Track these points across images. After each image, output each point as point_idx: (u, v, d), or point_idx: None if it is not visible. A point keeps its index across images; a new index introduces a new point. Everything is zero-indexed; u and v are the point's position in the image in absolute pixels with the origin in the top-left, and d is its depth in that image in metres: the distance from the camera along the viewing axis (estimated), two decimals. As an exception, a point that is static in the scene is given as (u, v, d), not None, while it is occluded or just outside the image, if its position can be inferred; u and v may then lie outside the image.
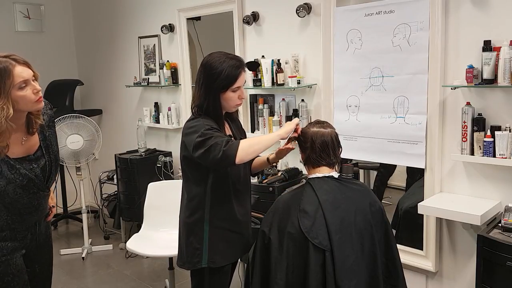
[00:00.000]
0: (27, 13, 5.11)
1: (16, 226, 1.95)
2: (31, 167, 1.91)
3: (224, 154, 1.80)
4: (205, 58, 1.97)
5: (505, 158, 2.30)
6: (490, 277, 2.15)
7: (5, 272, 1.93)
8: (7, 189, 1.86)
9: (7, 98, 1.69)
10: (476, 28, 2.40)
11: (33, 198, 1.95)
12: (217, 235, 2.04)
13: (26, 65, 1.78)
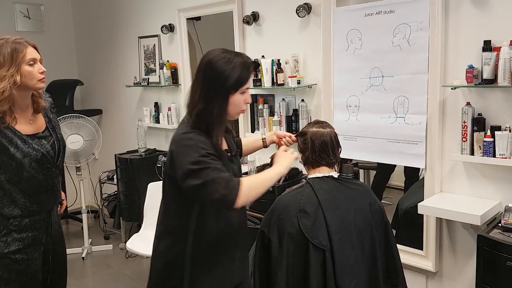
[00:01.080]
0: (27, 13, 5.11)
1: (34, 209, 2.06)
2: (41, 143, 2.07)
3: (222, 198, 1.53)
4: (207, 56, 1.68)
5: (505, 158, 2.30)
6: (490, 277, 2.15)
7: (25, 272, 2.06)
8: (24, 162, 1.99)
9: (17, 70, 1.94)
10: (476, 28, 2.40)
11: (48, 175, 2.08)
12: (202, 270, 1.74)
13: (36, 49, 2.04)
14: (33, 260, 2.08)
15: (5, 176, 1.99)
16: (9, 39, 1.96)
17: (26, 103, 2.04)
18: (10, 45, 1.94)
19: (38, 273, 2.11)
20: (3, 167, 1.98)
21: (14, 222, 2.03)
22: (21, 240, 2.04)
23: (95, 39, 5.22)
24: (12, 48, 1.94)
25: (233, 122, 4.29)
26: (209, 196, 1.54)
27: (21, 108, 2.03)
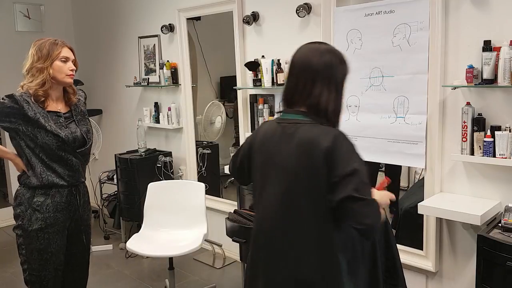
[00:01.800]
0: (27, 13, 5.11)
1: (51, 180, 2.22)
2: (59, 121, 2.26)
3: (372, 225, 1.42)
4: (326, 47, 1.58)
5: (505, 158, 2.30)
6: (490, 277, 2.15)
7: (45, 250, 2.23)
8: (40, 130, 2.19)
9: (50, 64, 2.26)
10: (476, 28, 2.40)
11: (61, 149, 2.23)
12: None
13: (72, 51, 2.40)
14: (54, 240, 2.25)
15: (24, 142, 2.21)
16: (50, 40, 2.38)
17: (57, 94, 2.31)
18: (48, 44, 2.33)
19: (59, 253, 2.28)
20: (22, 134, 2.20)
21: (37, 202, 2.22)
22: (44, 220, 2.22)
23: (95, 39, 5.22)
24: (50, 46, 2.32)
25: (233, 122, 4.30)
26: (363, 217, 1.40)
27: (52, 98, 2.29)
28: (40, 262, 2.23)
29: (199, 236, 3.12)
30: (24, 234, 2.23)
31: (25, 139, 2.20)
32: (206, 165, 4.27)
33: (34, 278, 2.25)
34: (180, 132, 4.31)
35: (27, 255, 2.24)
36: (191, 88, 4.17)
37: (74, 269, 2.41)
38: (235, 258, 3.82)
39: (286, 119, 1.60)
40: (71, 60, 2.34)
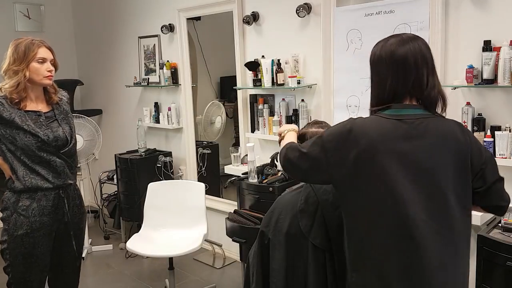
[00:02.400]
0: (27, 13, 5.11)
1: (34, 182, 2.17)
2: (39, 121, 2.21)
3: None
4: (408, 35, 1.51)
5: (505, 158, 2.30)
6: (490, 277, 2.15)
7: (31, 253, 2.19)
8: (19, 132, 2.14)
9: (26, 65, 2.18)
10: (476, 28, 2.40)
11: (42, 150, 2.18)
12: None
13: (50, 50, 2.33)
14: (39, 244, 2.20)
15: (5, 146, 2.17)
16: (27, 40, 2.27)
17: (36, 94, 2.27)
18: (25, 45, 2.24)
19: (45, 256, 2.24)
20: (2, 138, 2.16)
21: (22, 207, 2.18)
22: (29, 225, 2.18)
23: (95, 39, 5.22)
24: (26, 47, 2.23)
25: (233, 122, 4.30)
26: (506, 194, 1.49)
27: (31, 98, 2.24)
28: (25, 265, 2.19)
29: (199, 236, 3.12)
30: (9, 239, 2.18)
31: (5, 142, 2.16)
32: (206, 165, 4.27)
33: (18, 281, 2.21)
34: (180, 132, 4.31)
35: (11, 259, 2.19)
36: (191, 88, 4.17)
37: (64, 271, 2.37)
38: (235, 258, 3.82)
39: (405, 115, 1.43)
40: (49, 60, 2.28)
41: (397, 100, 1.45)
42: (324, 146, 1.46)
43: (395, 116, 1.43)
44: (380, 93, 1.47)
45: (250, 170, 3.00)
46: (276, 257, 1.83)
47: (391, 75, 1.44)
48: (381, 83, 1.46)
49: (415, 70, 1.43)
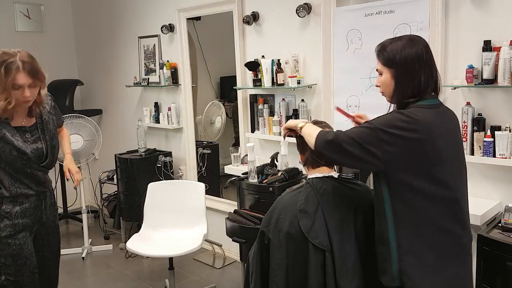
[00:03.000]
0: (27, 13, 5.11)
1: (20, 191, 2.23)
2: (25, 137, 2.23)
3: None
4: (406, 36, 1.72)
5: (505, 158, 2.30)
6: (490, 277, 2.15)
7: (19, 255, 2.24)
8: (5, 148, 2.16)
9: (8, 92, 2.09)
10: (476, 28, 2.40)
11: (27, 166, 2.23)
12: None
13: (29, 74, 2.12)
14: (25, 245, 2.27)
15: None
16: (8, 59, 2.07)
17: (21, 109, 2.23)
18: (4, 67, 2.06)
19: (32, 257, 2.30)
20: None
21: (6, 209, 2.23)
22: (13, 227, 2.23)
23: (95, 39, 5.22)
24: (5, 70, 2.06)
25: (233, 122, 4.29)
26: None
27: (16, 112, 2.21)
28: (16, 267, 2.24)
29: (199, 236, 3.12)
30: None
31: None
32: (206, 165, 4.27)
33: (11, 283, 2.25)
34: (180, 132, 4.31)
35: (1, 261, 2.24)
36: (191, 88, 4.17)
37: (46, 270, 2.46)
38: (235, 258, 3.82)
39: (435, 104, 1.71)
40: (27, 85, 2.12)
41: (425, 92, 1.68)
42: (380, 137, 1.60)
43: (432, 106, 1.68)
44: (415, 87, 1.67)
45: (250, 170, 3.00)
46: (276, 257, 1.84)
47: (423, 72, 1.66)
48: (415, 79, 1.66)
49: (434, 67, 1.71)
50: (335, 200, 1.84)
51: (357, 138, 1.62)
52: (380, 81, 1.75)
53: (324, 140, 1.69)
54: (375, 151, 1.59)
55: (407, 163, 1.60)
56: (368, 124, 1.66)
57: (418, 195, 1.61)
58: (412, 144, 1.58)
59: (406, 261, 1.63)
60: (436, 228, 1.63)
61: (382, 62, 1.72)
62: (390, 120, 1.63)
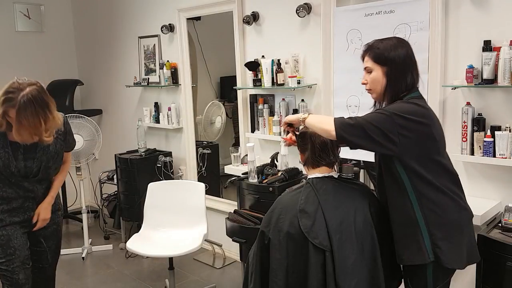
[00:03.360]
0: (27, 13, 5.11)
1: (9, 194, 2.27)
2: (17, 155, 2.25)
3: None
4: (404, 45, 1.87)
5: (505, 158, 2.30)
6: (490, 277, 2.15)
7: (8, 245, 2.27)
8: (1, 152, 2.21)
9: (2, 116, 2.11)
10: (476, 28, 2.40)
11: (10, 177, 2.25)
12: None
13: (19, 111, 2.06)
14: (14, 236, 2.30)
15: None
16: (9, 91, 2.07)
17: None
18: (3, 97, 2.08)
19: (23, 249, 2.32)
20: None
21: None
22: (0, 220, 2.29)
23: (95, 39, 5.22)
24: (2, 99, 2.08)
25: (233, 122, 4.29)
26: None
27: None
28: (6, 257, 2.27)
29: (199, 236, 3.12)
30: None
31: None
32: (206, 165, 4.27)
33: (3, 272, 2.29)
34: (180, 132, 4.31)
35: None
36: (191, 88, 4.17)
37: (43, 266, 2.49)
38: (235, 258, 3.82)
39: (421, 95, 1.85)
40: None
41: (414, 87, 1.82)
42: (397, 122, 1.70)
43: (421, 96, 1.83)
44: (408, 83, 1.80)
45: (250, 170, 3.00)
46: (276, 257, 1.84)
47: (413, 70, 1.82)
48: (407, 75, 1.80)
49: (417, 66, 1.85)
50: (335, 200, 1.84)
51: (376, 123, 1.71)
52: (370, 78, 1.84)
53: (346, 125, 1.74)
54: (392, 136, 1.70)
55: (421, 145, 1.74)
56: (382, 110, 1.74)
57: (432, 171, 1.77)
58: (425, 130, 1.73)
59: (436, 235, 1.76)
60: (451, 198, 1.79)
61: (374, 60, 1.82)
62: (404, 107, 1.74)
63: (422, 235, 1.77)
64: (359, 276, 1.77)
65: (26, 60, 5.11)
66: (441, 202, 1.78)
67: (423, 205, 1.77)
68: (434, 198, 1.77)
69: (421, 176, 1.76)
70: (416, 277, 1.85)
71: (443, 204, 1.78)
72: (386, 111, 1.73)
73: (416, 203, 1.77)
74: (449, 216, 1.79)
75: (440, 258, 1.76)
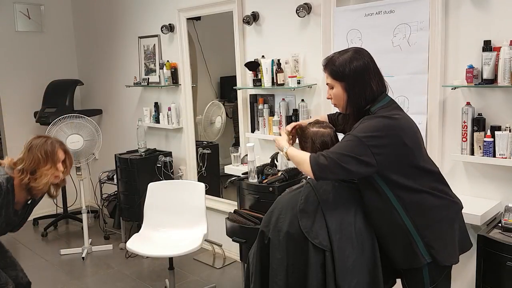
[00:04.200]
0: (27, 13, 5.11)
1: None
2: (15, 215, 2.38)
3: None
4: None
5: (505, 158, 2.30)
6: (490, 277, 2.15)
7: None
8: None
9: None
10: (476, 28, 2.40)
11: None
12: None
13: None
14: None
15: None
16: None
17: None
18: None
19: None
20: None
21: None
22: None
23: (95, 39, 5.22)
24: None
25: (233, 122, 4.30)
26: None
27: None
28: None
29: (199, 236, 3.12)
30: None
31: None
32: (206, 165, 4.27)
33: None
34: (180, 132, 4.31)
35: None
36: (191, 88, 4.17)
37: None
38: (235, 258, 3.82)
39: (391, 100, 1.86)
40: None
41: (378, 97, 1.80)
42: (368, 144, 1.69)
43: (390, 103, 1.82)
44: (368, 95, 1.79)
45: (250, 170, 3.00)
46: (276, 257, 1.84)
47: (373, 81, 1.80)
48: (366, 88, 1.79)
49: (380, 73, 1.86)
50: (335, 200, 1.84)
51: (348, 152, 1.70)
52: (332, 94, 1.85)
53: (322, 166, 1.71)
54: (368, 159, 1.68)
55: (397, 156, 1.72)
56: (351, 136, 1.73)
57: (412, 176, 1.76)
58: (397, 140, 1.72)
59: (428, 237, 1.77)
60: (436, 197, 1.79)
61: (332, 76, 1.81)
62: (370, 126, 1.73)
63: (415, 240, 1.78)
64: (359, 276, 1.77)
65: (26, 60, 5.12)
66: (427, 204, 1.78)
67: (409, 211, 1.77)
68: (419, 201, 1.77)
69: (401, 185, 1.75)
70: (412, 279, 1.86)
71: (429, 206, 1.78)
72: (354, 136, 1.72)
73: (402, 211, 1.77)
74: (438, 215, 1.79)
75: (436, 258, 1.77)
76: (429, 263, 1.78)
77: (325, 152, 1.73)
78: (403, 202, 1.76)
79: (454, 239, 1.84)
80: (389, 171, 1.74)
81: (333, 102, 1.88)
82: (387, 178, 1.75)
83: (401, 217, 1.77)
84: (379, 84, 1.81)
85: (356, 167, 1.68)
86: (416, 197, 1.76)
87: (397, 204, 1.76)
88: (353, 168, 1.68)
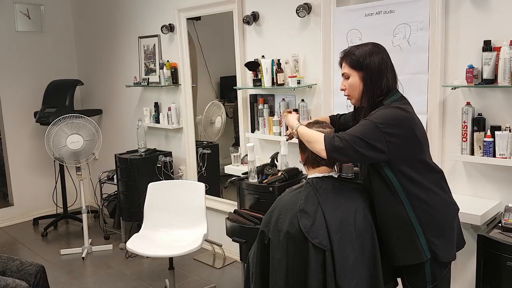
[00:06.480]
0: (27, 13, 5.11)
1: None
2: None
3: None
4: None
5: (505, 158, 2.30)
6: (490, 277, 2.15)
7: None
8: None
9: None
10: (476, 28, 2.40)
11: None
12: None
13: None
14: None
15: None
16: None
17: None
18: None
19: None
20: None
21: None
22: None
23: (95, 39, 5.22)
24: None
25: (233, 122, 4.30)
26: None
27: None
28: None
29: (199, 236, 3.12)
30: None
31: None
32: (206, 165, 4.27)
33: None
34: (180, 132, 4.31)
35: None
36: (191, 88, 4.17)
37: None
38: (235, 258, 3.82)
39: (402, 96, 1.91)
40: None
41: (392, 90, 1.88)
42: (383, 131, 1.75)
43: (402, 98, 1.89)
44: (383, 87, 1.85)
45: (250, 170, 3.00)
46: (276, 257, 1.84)
47: (389, 74, 1.87)
48: (383, 80, 1.85)
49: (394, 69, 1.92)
50: (335, 200, 1.84)
51: (363, 136, 1.74)
52: (347, 84, 1.90)
53: (336, 147, 1.76)
54: (381, 146, 1.74)
55: (408, 148, 1.78)
56: (367, 121, 1.77)
57: (420, 171, 1.81)
58: (410, 133, 1.78)
59: (429, 233, 1.81)
60: (440, 195, 1.85)
61: (351, 65, 1.87)
62: (387, 114, 1.79)
63: (418, 235, 1.81)
64: (359, 276, 1.77)
65: (26, 60, 5.12)
66: (431, 201, 1.82)
67: (415, 206, 1.81)
68: (425, 198, 1.81)
69: (410, 177, 1.80)
70: (413, 277, 1.87)
71: (433, 203, 1.83)
72: (371, 121, 1.77)
73: (408, 205, 1.81)
74: (440, 213, 1.84)
75: (437, 254, 1.81)
76: (430, 259, 1.81)
77: (340, 133, 1.79)
78: (410, 196, 1.81)
79: (453, 237, 1.88)
80: (399, 162, 1.79)
81: (347, 93, 1.93)
82: (396, 169, 1.79)
83: (406, 211, 1.81)
84: (391, 80, 1.88)
85: (368, 151, 1.74)
86: (423, 193, 1.81)
87: (404, 197, 1.81)
88: (366, 152, 1.74)
